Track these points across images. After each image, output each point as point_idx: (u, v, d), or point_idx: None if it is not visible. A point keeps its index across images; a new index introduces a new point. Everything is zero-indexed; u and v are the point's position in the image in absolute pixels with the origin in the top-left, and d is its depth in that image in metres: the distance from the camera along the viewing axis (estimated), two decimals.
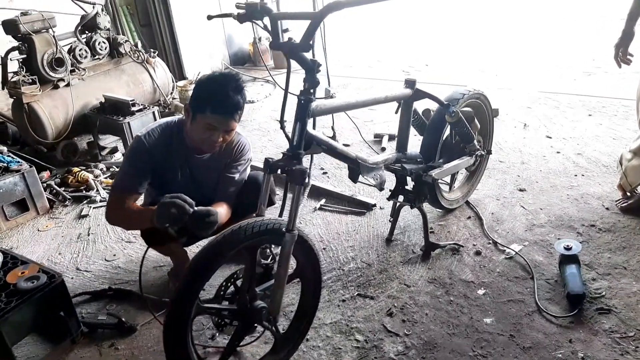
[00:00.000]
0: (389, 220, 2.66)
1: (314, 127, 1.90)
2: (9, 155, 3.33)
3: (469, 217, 2.80)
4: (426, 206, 2.75)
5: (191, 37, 5.49)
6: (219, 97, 1.96)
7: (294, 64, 1.71)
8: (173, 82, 4.91)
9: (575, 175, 3.10)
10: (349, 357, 1.99)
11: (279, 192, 2.74)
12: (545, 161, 3.31)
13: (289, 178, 1.75)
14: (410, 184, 2.48)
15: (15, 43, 3.72)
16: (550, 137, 3.66)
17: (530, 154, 3.42)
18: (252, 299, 1.78)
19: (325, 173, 3.48)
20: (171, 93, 4.84)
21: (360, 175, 2.10)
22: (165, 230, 1.84)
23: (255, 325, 1.83)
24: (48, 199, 3.37)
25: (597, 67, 5.21)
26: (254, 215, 1.86)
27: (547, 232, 2.60)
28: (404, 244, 2.63)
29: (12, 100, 3.81)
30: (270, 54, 6.09)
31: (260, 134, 4.30)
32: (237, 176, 2.24)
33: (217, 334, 2.15)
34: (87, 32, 4.22)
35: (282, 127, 1.81)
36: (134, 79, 4.44)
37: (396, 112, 2.40)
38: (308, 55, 1.73)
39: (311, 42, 1.63)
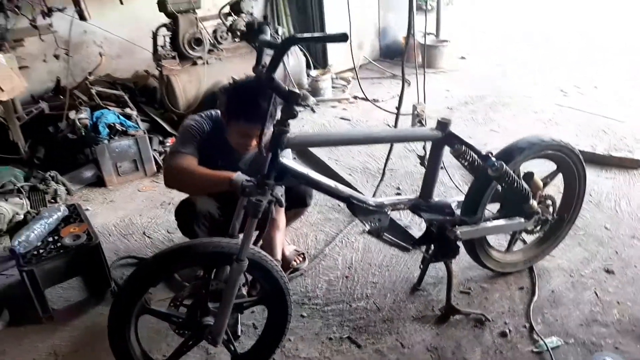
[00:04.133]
0: (419, 267, 2.40)
1: None
2: (135, 121, 3.84)
3: (522, 288, 2.36)
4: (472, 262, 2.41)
5: (341, 25, 5.50)
6: (250, 106, 2.00)
7: None
8: (307, 70, 5.05)
9: None
10: None
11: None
12: None
13: (245, 207, 1.70)
14: None
15: (167, 20, 4.24)
16: None
17: None
18: (203, 313, 1.81)
19: (398, 193, 3.27)
20: (302, 82, 4.99)
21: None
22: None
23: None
24: (158, 164, 3.83)
25: None
26: (228, 234, 1.86)
27: (606, 335, 2.06)
28: (427, 298, 2.35)
29: (159, 69, 4.36)
30: (420, 51, 5.82)
31: None
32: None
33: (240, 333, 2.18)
34: (232, 15, 4.56)
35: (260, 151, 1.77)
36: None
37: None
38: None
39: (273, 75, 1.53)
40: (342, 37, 1.36)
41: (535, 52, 6.24)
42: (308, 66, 5.37)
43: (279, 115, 1.69)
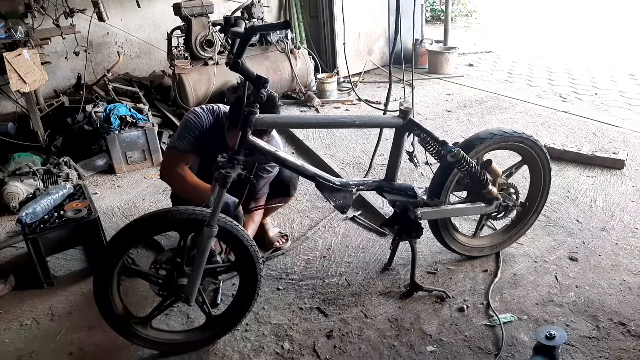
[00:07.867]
0: (389, 249, 2.55)
1: None
2: (146, 115, 4.12)
3: (486, 270, 2.49)
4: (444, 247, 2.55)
5: (351, 31, 5.71)
6: None
7: None
8: (314, 73, 5.27)
9: None
10: (266, 359, 2.08)
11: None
12: (632, 235, 2.67)
13: (216, 178, 1.90)
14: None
15: (181, 23, 4.52)
16: None
17: (621, 222, 2.79)
18: (179, 275, 2.00)
19: None
20: (309, 84, 5.21)
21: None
22: None
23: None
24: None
25: None
26: (203, 205, 2.05)
27: (559, 314, 2.18)
28: (396, 277, 2.50)
29: (172, 69, 4.64)
30: (427, 57, 5.99)
31: (360, 132, 4.34)
32: (270, 174, 2.52)
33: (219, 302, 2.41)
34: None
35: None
36: (275, 66, 4.92)
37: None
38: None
39: (240, 60, 1.73)
40: (285, 25, 1.58)
41: (545, 51, 6.31)
42: (317, 70, 5.60)
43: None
